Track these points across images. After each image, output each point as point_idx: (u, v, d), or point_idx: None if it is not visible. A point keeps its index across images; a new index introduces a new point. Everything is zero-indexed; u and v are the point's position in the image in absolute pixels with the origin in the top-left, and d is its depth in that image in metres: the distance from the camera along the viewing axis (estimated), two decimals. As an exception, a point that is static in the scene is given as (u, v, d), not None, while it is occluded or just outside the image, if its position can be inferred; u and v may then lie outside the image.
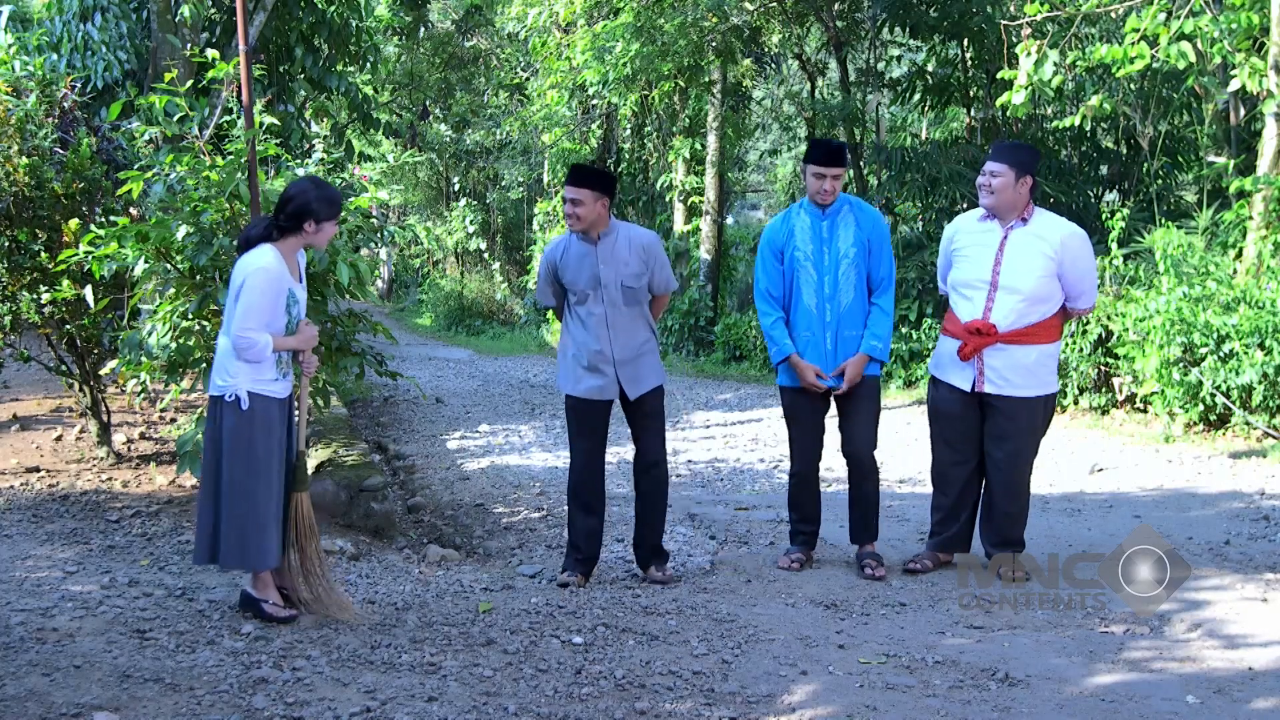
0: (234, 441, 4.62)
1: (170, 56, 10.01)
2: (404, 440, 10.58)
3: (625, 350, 5.62)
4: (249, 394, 4.61)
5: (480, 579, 5.80)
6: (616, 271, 5.58)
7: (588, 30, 17.18)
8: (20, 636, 4.26)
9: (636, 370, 5.68)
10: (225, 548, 4.65)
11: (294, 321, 4.74)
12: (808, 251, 5.67)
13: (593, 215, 5.53)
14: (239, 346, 4.55)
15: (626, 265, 5.60)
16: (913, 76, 17.40)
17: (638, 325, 5.68)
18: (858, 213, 5.73)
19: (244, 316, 4.54)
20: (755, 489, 8.36)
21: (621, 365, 5.62)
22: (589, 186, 5.52)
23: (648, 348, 5.74)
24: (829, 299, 5.66)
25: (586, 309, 5.62)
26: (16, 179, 6.85)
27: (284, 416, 4.79)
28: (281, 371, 4.73)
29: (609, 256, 5.60)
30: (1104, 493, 7.81)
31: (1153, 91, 13.43)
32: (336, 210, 4.77)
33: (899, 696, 4.06)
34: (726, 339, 17.74)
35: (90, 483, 6.95)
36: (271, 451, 4.69)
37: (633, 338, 5.65)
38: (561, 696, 4.03)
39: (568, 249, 5.68)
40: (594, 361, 5.61)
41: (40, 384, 9.17)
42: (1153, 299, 9.63)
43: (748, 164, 29.71)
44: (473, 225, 30.90)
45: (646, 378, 5.73)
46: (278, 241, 4.69)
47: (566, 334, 5.77)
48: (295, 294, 4.73)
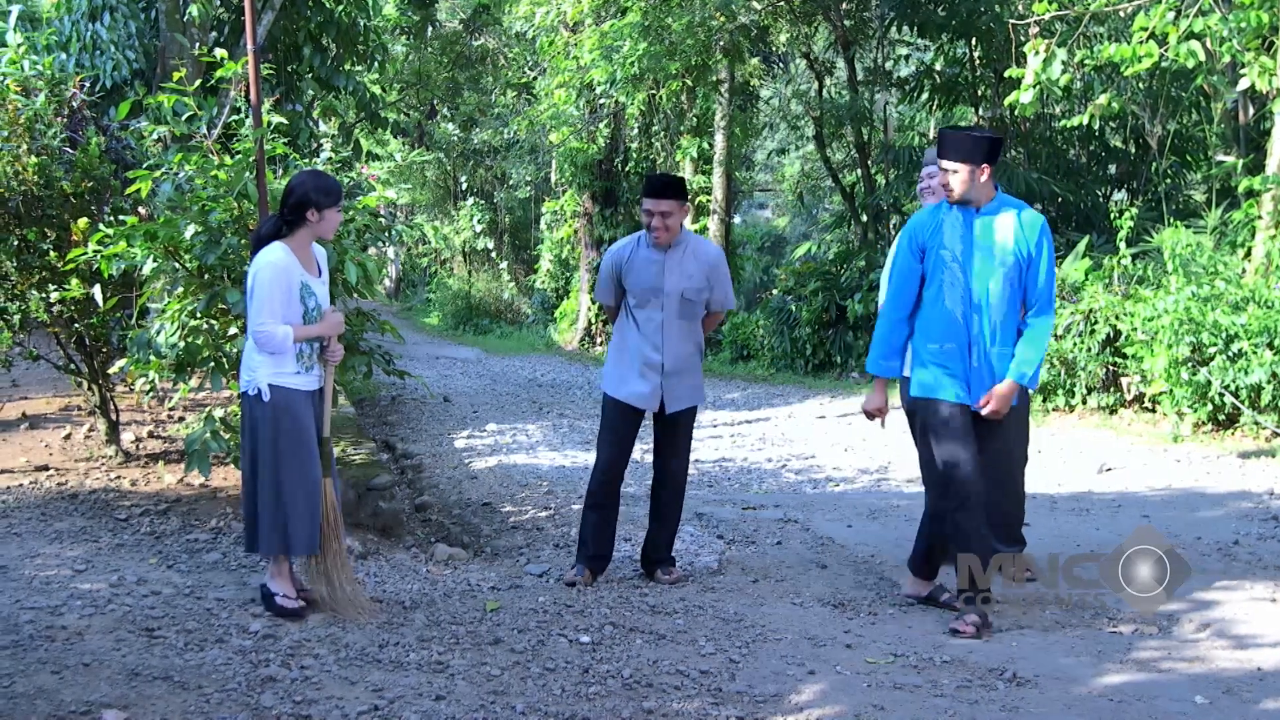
0: (261, 433, 4.77)
1: (179, 56, 10.04)
2: (411, 439, 10.59)
3: (674, 361, 5.60)
4: (270, 386, 4.74)
5: (488, 578, 5.80)
6: (680, 283, 5.57)
7: (595, 29, 17.20)
8: (30, 634, 4.28)
9: (680, 385, 5.64)
10: (262, 535, 4.81)
11: (311, 313, 4.82)
12: (955, 252, 4.94)
13: (679, 225, 5.56)
14: (258, 341, 4.71)
15: (690, 278, 5.59)
16: (921, 75, 17.41)
17: (690, 338, 5.67)
18: (1020, 215, 4.97)
19: (257, 311, 4.69)
20: (763, 489, 8.36)
21: (668, 376, 5.59)
22: (674, 196, 5.53)
23: (693, 363, 5.72)
24: (977, 309, 4.93)
25: (645, 314, 5.61)
26: (25, 178, 6.85)
27: (311, 408, 4.89)
28: (304, 364, 4.84)
29: (675, 267, 5.59)
30: (1112, 492, 7.79)
31: (1161, 90, 13.41)
32: (336, 198, 4.84)
33: (906, 696, 4.06)
34: (734, 338, 17.74)
35: (99, 481, 6.96)
36: (298, 442, 4.79)
37: (684, 350, 5.64)
38: (569, 695, 4.03)
39: (635, 252, 5.67)
40: (643, 368, 5.60)
41: (49, 383, 9.18)
42: (1161, 298, 9.61)
43: (755, 163, 29.71)
44: (480, 224, 30.94)
45: (687, 395, 5.69)
46: (286, 237, 4.81)
47: (620, 335, 5.76)
48: (310, 286, 4.83)
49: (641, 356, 5.59)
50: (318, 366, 4.93)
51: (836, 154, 18.49)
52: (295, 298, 4.76)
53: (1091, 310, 10.46)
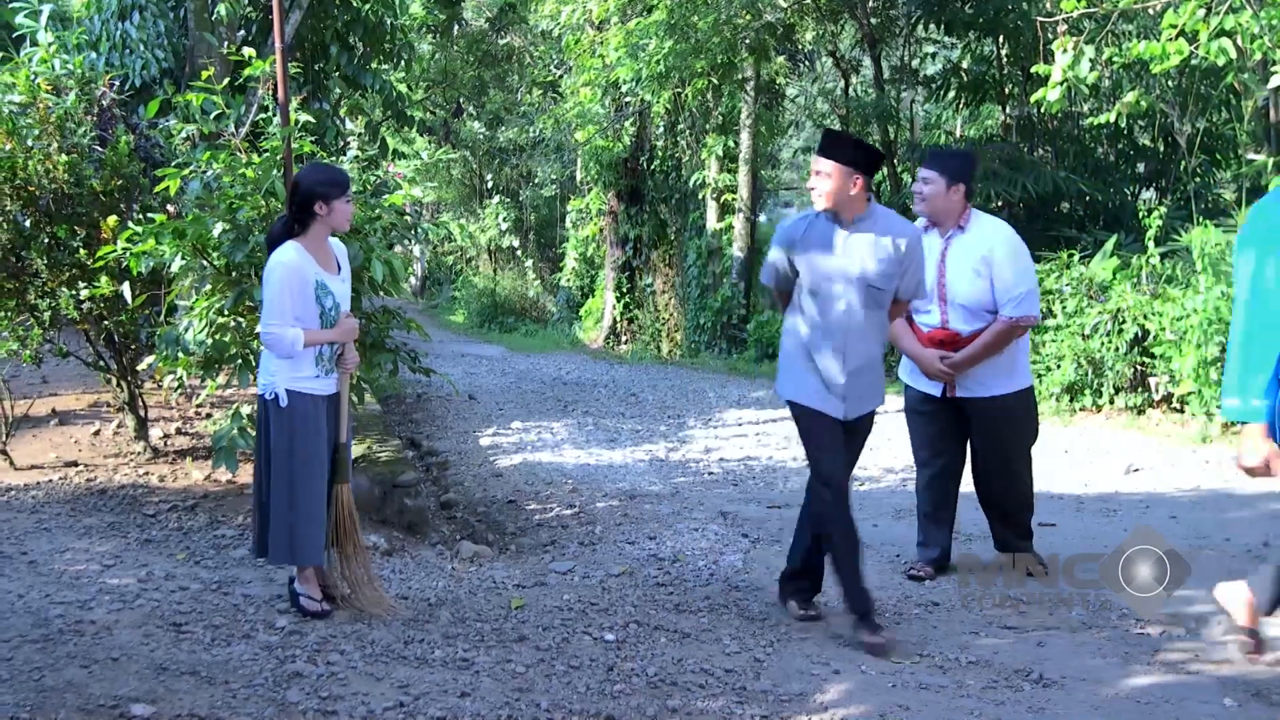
0: (276, 439, 4.69)
1: (207, 54, 10.09)
2: (437, 436, 10.62)
3: (856, 360, 4.74)
4: (287, 391, 4.66)
5: (513, 575, 5.81)
6: (862, 267, 4.68)
7: (621, 28, 17.17)
8: (59, 629, 4.31)
9: (860, 386, 4.78)
10: (273, 543, 4.73)
11: (329, 312, 4.72)
12: None
13: (841, 193, 4.65)
14: (267, 343, 4.62)
15: (877, 261, 4.68)
16: (947, 74, 17.31)
17: (873, 333, 4.78)
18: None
19: (267, 312, 4.60)
20: (788, 487, 8.34)
21: (850, 377, 4.74)
22: (836, 158, 4.65)
23: (875, 361, 4.84)
24: None
25: (819, 304, 4.75)
26: (56, 176, 6.91)
27: (328, 414, 4.82)
28: (323, 369, 4.77)
29: (856, 248, 4.69)
30: (1140, 493, 7.74)
31: (1191, 88, 13.29)
32: (342, 188, 4.70)
33: (932, 696, 4.04)
34: (759, 337, 17.69)
35: (127, 477, 7.01)
36: (314, 449, 4.73)
37: (866, 347, 4.77)
38: (593, 693, 4.04)
39: (811, 227, 4.79)
40: (818, 368, 4.79)
41: (78, 379, 9.25)
42: (1190, 298, 9.54)
43: (781, 162, 29.64)
44: (506, 223, 30.98)
45: (868, 397, 4.85)
46: (300, 235, 4.71)
47: (792, 329, 4.91)
48: (327, 284, 4.71)
49: (815, 355, 4.79)
50: (334, 370, 4.84)
51: (862, 153, 18.38)
52: (310, 297, 4.65)
53: (1119, 310, 10.39)
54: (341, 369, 4.87)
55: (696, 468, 9.10)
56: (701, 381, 15.25)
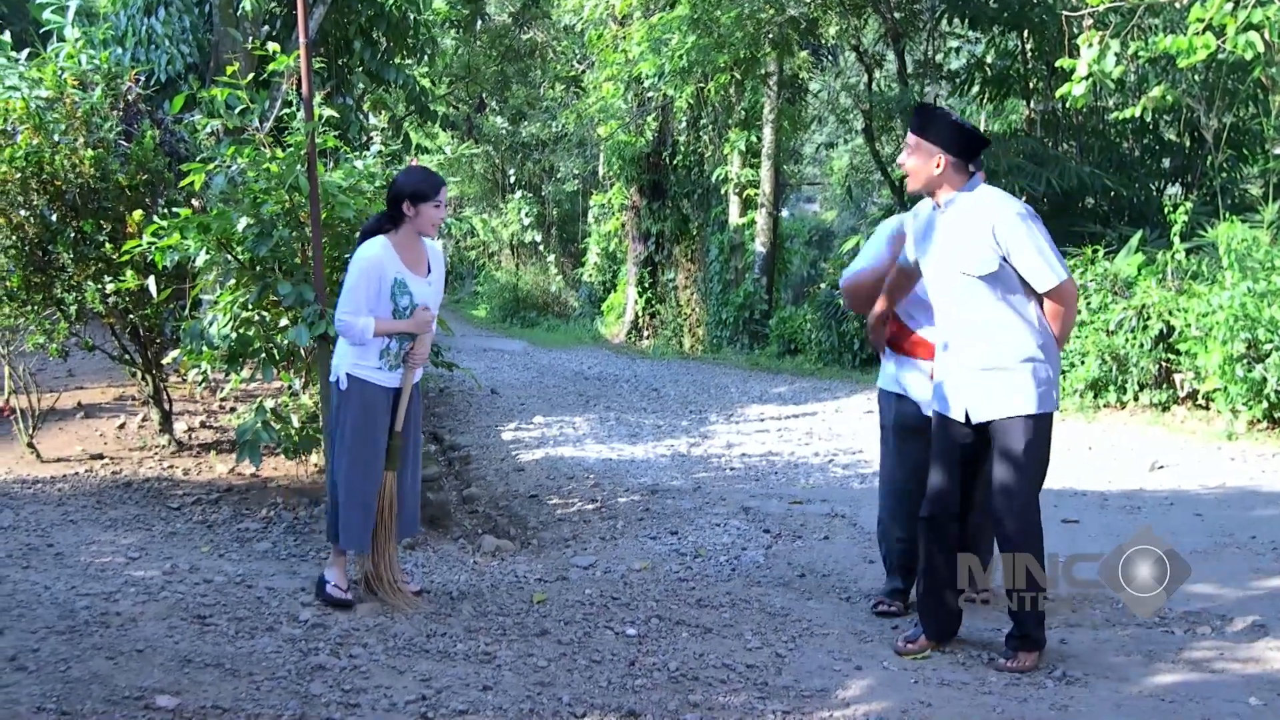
0: (337, 423, 4.82)
1: (231, 50, 10.15)
2: (459, 431, 10.64)
3: (961, 358, 4.29)
4: (348, 375, 4.76)
5: (534, 570, 5.82)
6: (949, 252, 4.24)
7: (644, 22, 17.19)
8: (85, 620, 4.34)
9: (973, 388, 4.28)
10: (341, 527, 4.84)
11: (403, 311, 4.77)
12: None
13: (923, 172, 4.25)
14: (339, 329, 4.74)
15: (964, 246, 4.20)
16: (971, 68, 17.24)
17: (989, 331, 4.22)
18: None
19: (342, 301, 4.71)
20: (810, 483, 8.32)
21: (959, 374, 4.32)
22: (917, 131, 4.27)
23: (1003, 362, 4.21)
24: None
25: (931, 295, 4.43)
26: (82, 170, 6.96)
27: (389, 405, 4.87)
28: (388, 362, 4.81)
29: (943, 231, 4.29)
30: (1165, 490, 7.69)
31: (1217, 83, 13.19)
32: (429, 191, 4.73)
33: (954, 693, 4.03)
34: (781, 332, 17.67)
35: (152, 470, 7.06)
36: (368, 437, 4.80)
37: (974, 346, 4.25)
38: (615, 688, 4.04)
39: (920, 212, 4.48)
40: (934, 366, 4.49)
41: (104, 372, 9.32)
42: (1216, 294, 9.47)
43: (804, 157, 29.59)
44: (528, 218, 31.04)
45: (994, 401, 4.24)
46: (390, 232, 4.78)
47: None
48: (406, 283, 4.76)
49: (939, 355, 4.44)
50: (401, 366, 4.86)
51: (886, 147, 18.32)
52: (384, 293, 4.71)
53: (1144, 306, 10.33)
54: (409, 364, 4.89)
55: (718, 463, 9.09)
56: (723, 377, 15.24)
